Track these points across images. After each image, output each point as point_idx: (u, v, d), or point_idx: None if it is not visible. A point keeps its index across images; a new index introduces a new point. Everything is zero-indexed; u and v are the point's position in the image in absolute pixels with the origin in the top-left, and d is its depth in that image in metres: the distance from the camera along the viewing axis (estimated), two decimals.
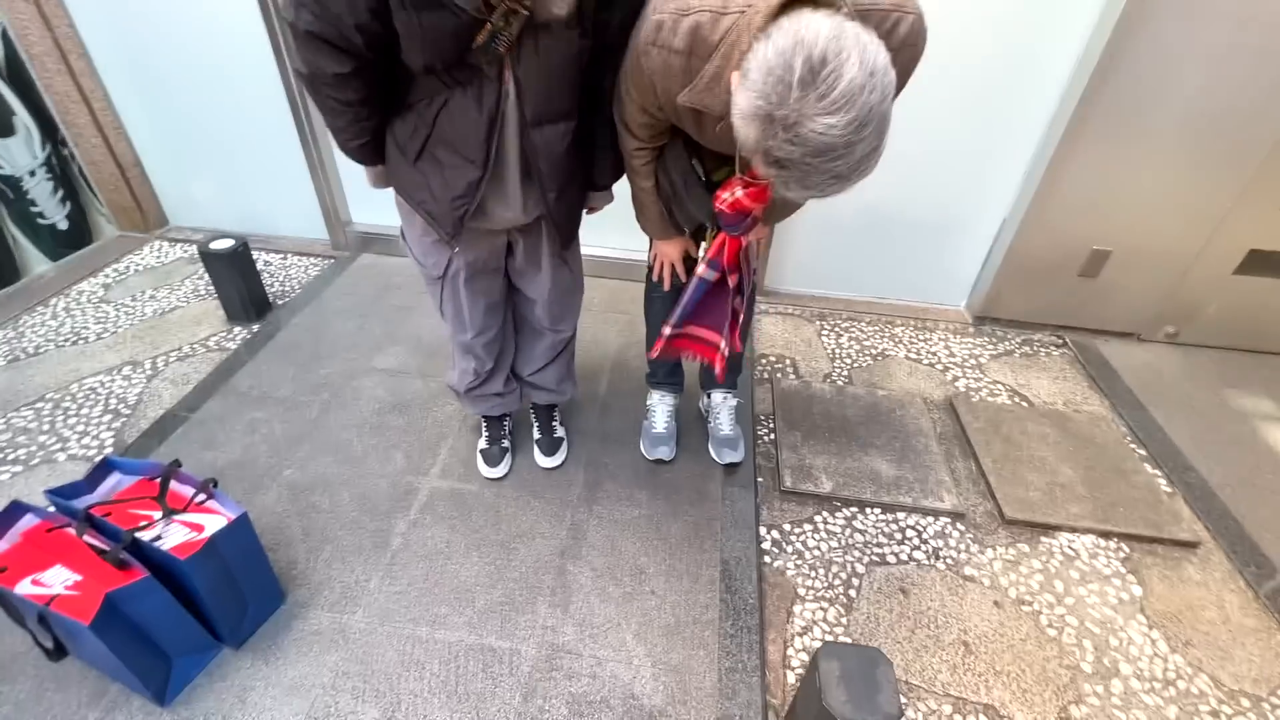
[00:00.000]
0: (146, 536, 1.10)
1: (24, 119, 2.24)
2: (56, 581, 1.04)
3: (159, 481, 1.19)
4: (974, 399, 2.01)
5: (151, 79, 2.31)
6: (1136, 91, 1.83)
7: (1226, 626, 1.40)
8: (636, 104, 1.06)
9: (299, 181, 2.45)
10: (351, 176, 2.49)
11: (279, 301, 2.27)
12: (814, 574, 1.45)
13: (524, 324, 1.49)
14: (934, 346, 2.25)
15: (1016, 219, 2.14)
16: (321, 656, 1.23)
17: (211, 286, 2.18)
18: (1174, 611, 1.43)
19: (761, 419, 1.87)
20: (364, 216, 2.58)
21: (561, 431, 1.71)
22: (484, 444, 1.65)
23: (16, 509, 1.12)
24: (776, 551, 1.50)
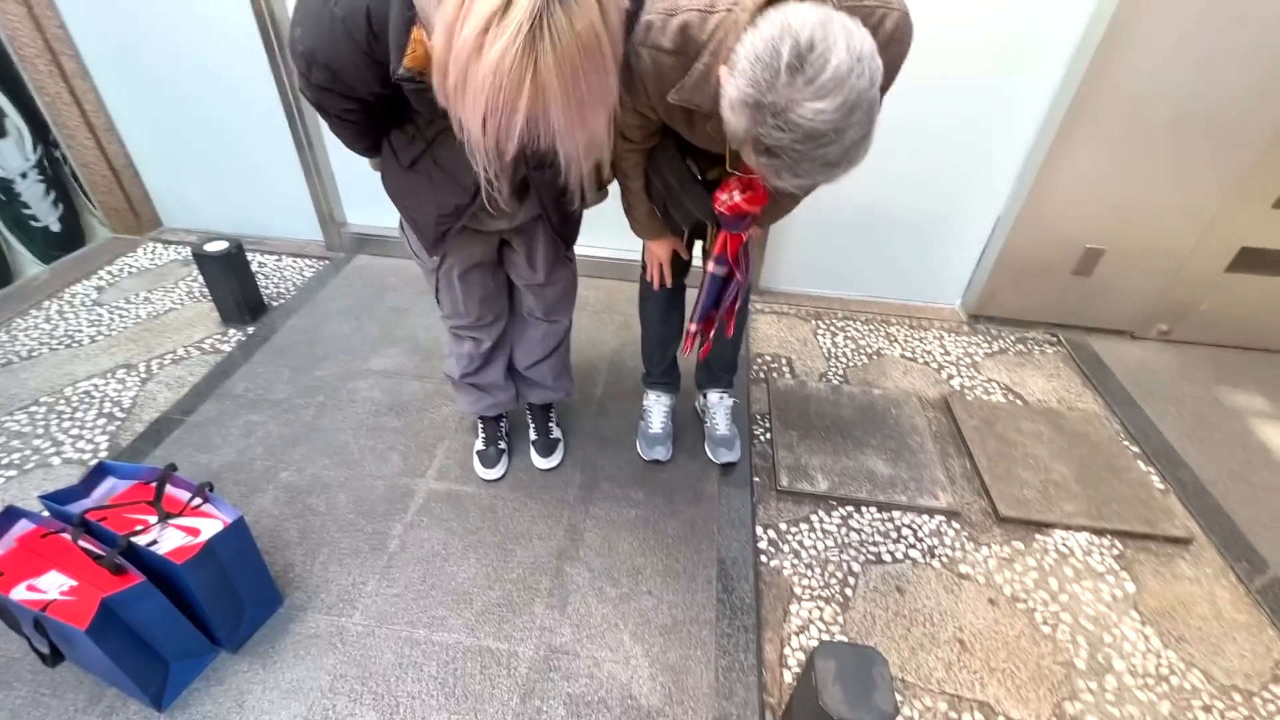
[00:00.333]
0: (142, 541, 1.10)
1: (15, 120, 2.22)
2: (52, 587, 1.04)
3: (154, 485, 1.19)
4: (969, 397, 2.02)
5: (144, 80, 2.30)
6: (1129, 90, 1.84)
7: (1219, 622, 1.41)
8: (628, 106, 1.06)
9: (293, 182, 2.44)
10: (346, 177, 2.48)
11: (274, 303, 2.26)
12: (810, 573, 1.46)
13: (519, 314, 1.49)
14: (929, 345, 2.26)
15: (1010, 218, 2.15)
16: (319, 659, 1.23)
17: (205, 289, 2.17)
18: (1167, 608, 1.44)
19: (757, 418, 1.87)
20: (359, 218, 2.57)
21: (558, 432, 1.71)
22: (480, 445, 1.65)
23: (11, 514, 1.12)
24: (773, 551, 1.50)
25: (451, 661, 1.25)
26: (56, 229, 2.40)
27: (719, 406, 1.72)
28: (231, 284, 2.07)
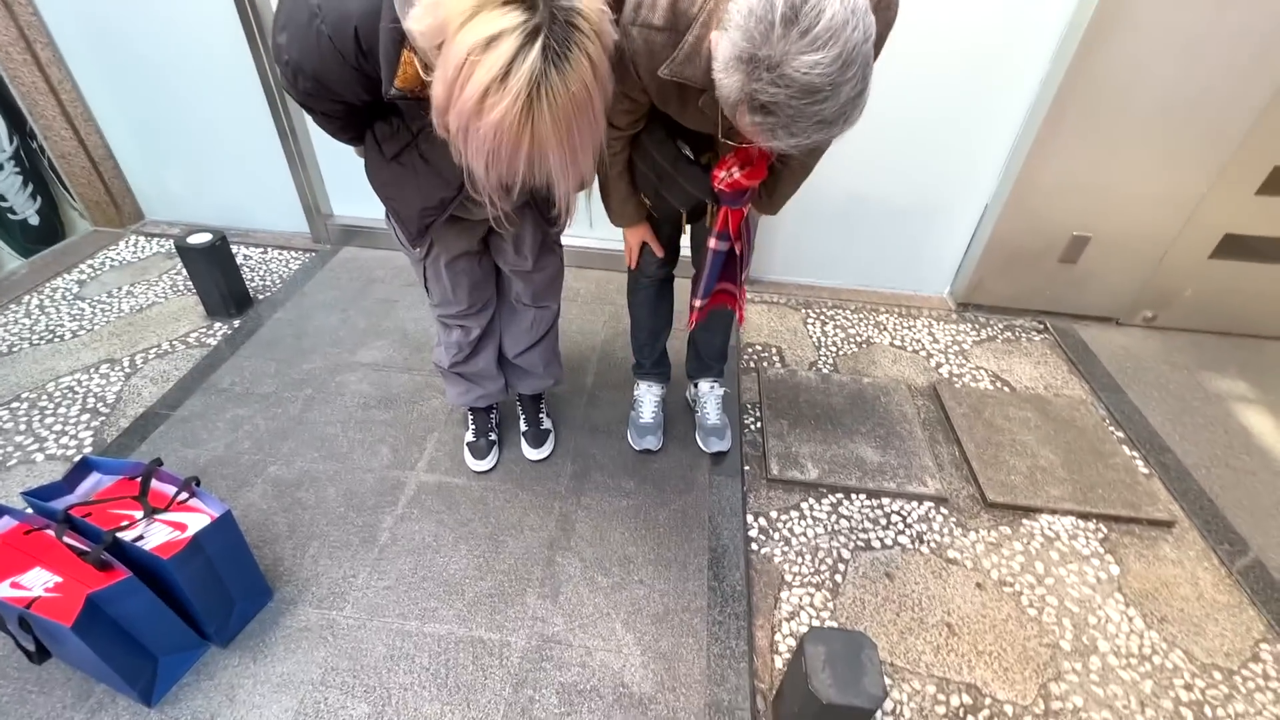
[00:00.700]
0: (128, 537, 1.08)
1: None
2: (36, 584, 1.03)
3: (140, 481, 1.18)
4: (957, 385, 2.03)
5: (122, 68, 2.25)
6: (1114, 78, 1.85)
7: (1200, 603, 1.44)
8: (617, 92, 1.05)
9: (277, 174, 2.41)
10: (332, 169, 2.45)
11: (259, 296, 2.24)
12: (800, 560, 1.47)
13: (506, 301, 1.48)
14: (918, 333, 2.27)
15: (998, 206, 2.16)
16: (310, 652, 1.23)
17: (190, 282, 2.14)
18: (1150, 589, 1.46)
19: (748, 408, 1.88)
20: (345, 209, 2.54)
21: (548, 423, 1.71)
22: (471, 437, 1.64)
23: None
24: (764, 539, 1.51)
25: (443, 652, 1.25)
26: (35, 222, 2.36)
27: (710, 396, 1.73)
28: (216, 277, 2.04)
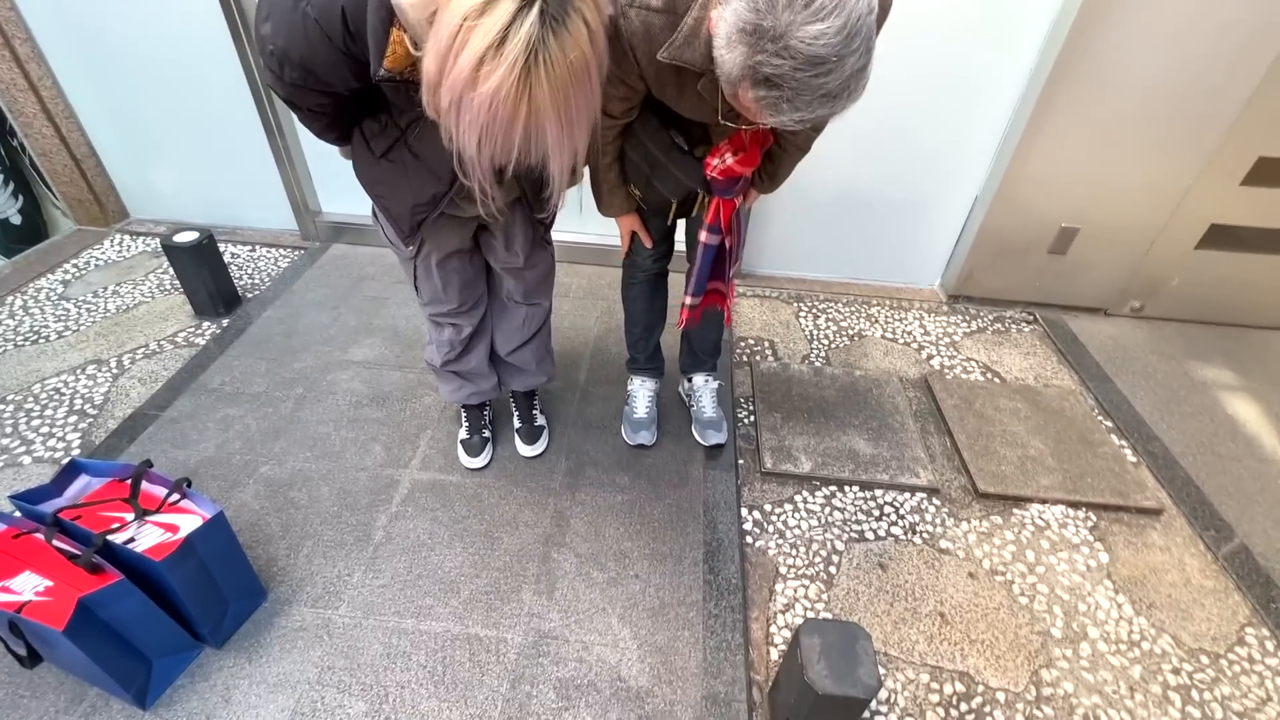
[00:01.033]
0: (119, 539, 1.08)
1: None
2: (26, 588, 1.02)
3: (130, 482, 1.17)
4: (948, 376, 2.05)
5: (104, 64, 2.21)
6: (1101, 71, 1.86)
7: (1187, 588, 1.46)
8: (614, 78, 1.04)
9: (265, 170, 2.38)
10: (320, 165, 2.42)
11: (248, 295, 2.21)
12: (795, 552, 1.48)
13: (498, 299, 1.47)
14: (909, 326, 2.28)
15: (987, 198, 2.17)
16: (306, 652, 1.23)
17: (177, 281, 2.11)
18: (1138, 576, 1.48)
19: (741, 401, 1.88)
20: (334, 206, 2.52)
21: (542, 419, 1.71)
22: (464, 434, 1.64)
23: None
24: (758, 532, 1.52)
25: (440, 650, 1.25)
26: (17, 221, 2.33)
27: (705, 389, 1.73)
28: (204, 276, 2.02)
